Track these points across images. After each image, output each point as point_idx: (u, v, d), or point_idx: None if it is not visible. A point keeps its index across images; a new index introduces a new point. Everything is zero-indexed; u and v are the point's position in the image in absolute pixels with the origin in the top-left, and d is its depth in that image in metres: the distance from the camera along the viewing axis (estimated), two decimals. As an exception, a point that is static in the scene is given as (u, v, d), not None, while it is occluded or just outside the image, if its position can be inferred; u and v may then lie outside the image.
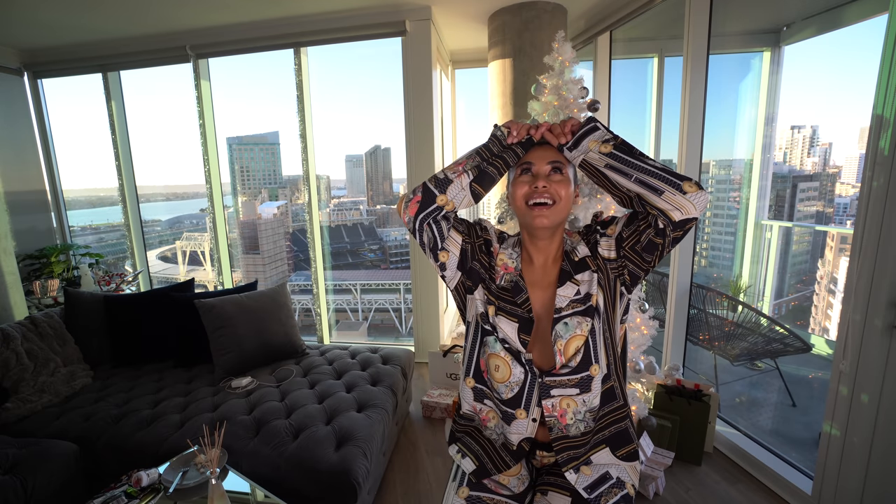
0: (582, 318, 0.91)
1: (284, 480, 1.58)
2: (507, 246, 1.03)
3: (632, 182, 0.83)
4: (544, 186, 0.90)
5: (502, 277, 0.98)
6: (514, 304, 0.94)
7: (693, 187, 0.80)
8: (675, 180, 0.81)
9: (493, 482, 0.99)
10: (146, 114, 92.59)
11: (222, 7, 2.77)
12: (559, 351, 0.90)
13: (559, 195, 0.91)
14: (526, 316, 0.93)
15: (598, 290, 0.93)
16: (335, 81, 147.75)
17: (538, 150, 0.94)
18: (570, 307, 0.92)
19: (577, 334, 0.90)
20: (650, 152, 3.35)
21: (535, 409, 0.92)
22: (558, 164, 0.92)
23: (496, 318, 0.94)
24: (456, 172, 0.92)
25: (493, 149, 0.93)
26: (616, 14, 2.78)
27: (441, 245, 0.95)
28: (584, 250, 0.96)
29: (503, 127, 0.94)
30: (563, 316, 0.91)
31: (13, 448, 1.65)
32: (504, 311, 0.94)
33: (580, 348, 0.90)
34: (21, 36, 3.19)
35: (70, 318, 2.45)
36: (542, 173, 0.92)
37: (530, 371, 0.91)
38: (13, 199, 3.35)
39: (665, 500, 1.85)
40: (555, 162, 0.92)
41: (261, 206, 26.85)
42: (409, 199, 0.93)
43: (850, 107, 3.49)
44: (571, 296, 0.93)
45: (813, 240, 3.72)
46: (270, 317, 2.39)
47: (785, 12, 3.03)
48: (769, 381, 2.92)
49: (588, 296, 0.93)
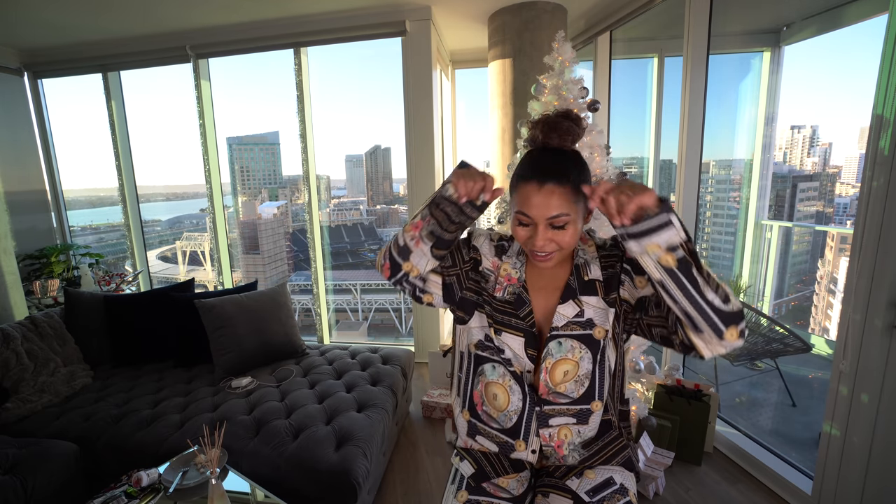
0: (577, 344, 0.86)
1: (284, 480, 1.58)
2: (510, 254, 0.95)
3: (675, 306, 0.71)
4: (542, 245, 0.81)
5: (504, 290, 0.92)
6: (516, 317, 0.90)
7: (735, 335, 0.69)
8: (720, 325, 0.69)
9: (493, 485, 0.98)
10: (146, 114, 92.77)
11: (222, 7, 2.77)
12: (545, 369, 0.87)
13: (562, 244, 0.81)
14: (530, 330, 0.89)
15: (610, 324, 0.87)
16: (335, 81, 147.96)
17: (537, 196, 0.79)
18: (567, 328, 0.87)
19: (568, 359, 0.86)
20: (650, 152, 3.36)
21: (535, 438, 0.91)
22: (564, 215, 0.79)
23: (501, 339, 0.90)
24: (414, 239, 0.85)
25: (447, 210, 0.82)
26: (616, 14, 2.78)
27: (421, 291, 0.93)
28: (597, 271, 0.88)
29: (448, 183, 0.81)
30: (559, 335, 0.87)
31: (13, 448, 1.65)
32: (507, 325, 0.90)
33: (567, 373, 0.86)
34: (22, 36, 3.19)
35: (70, 318, 2.45)
36: (541, 228, 0.80)
37: (529, 397, 0.89)
38: (13, 199, 3.35)
39: (665, 500, 1.85)
40: (558, 216, 0.79)
41: (261, 206, 26.85)
42: (381, 264, 0.91)
43: (850, 107, 3.49)
44: (571, 316, 0.87)
45: (813, 240, 3.72)
46: (270, 317, 2.39)
47: (785, 12, 3.03)
48: (769, 381, 2.92)
49: (590, 322, 0.87)
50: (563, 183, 0.79)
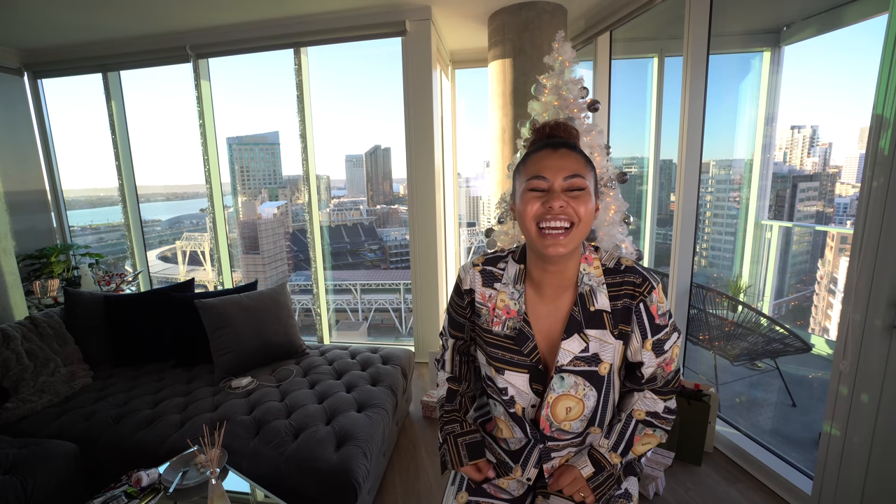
0: (582, 381, 0.82)
1: (284, 480, 1.58)
2: (506, 282, 0.87)
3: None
4: (561, 206, 0.74)
5: (504, 324, 0.85)
6: (520, 353, 0.83)
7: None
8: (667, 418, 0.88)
9: (493, 486, 0.97)
10: (146, 114, 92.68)
11: (223, 7, 2.77)
12: (548, 404, 0.83)
13: (578, 215, 0.75)
14: (535, 366, 0.83)
15: (616, 358, 0.83)
16: (335, 81, 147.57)
17: (552, 158, 0.76)
18: (572, 363, 0.82)
19: (572, 395, 0.81)
20: (650, 153, 3.36)
21: (532, 469, 0.90)
22: (579, 177, 0.75)
23: (504, 378, 0.85)
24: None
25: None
26: (616, 14, 2.78)
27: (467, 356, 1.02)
28: (604, 300, 0.81)
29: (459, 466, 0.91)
30: (563, 370, 0.82)
31: (13, 448, 1.65)
32: (510, 363, 0.84)
33: (570, 410, 0.83)
34: (22, 36, 3.19)
35: (70, 318, 2.45)
36: (557, 189, 0.75)
37: (531, 435, 0.87)
38: (13, 199, 3.35)
39: (665, 500, 1.85)
40: (575, 176, 0.75)
41: (261, 206, 26.81)
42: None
43: (850, 107, 3.49)
44: (577, 352, 0.81)
45: (813, 240, 3.72)
46: (270, 317, 2.39)
47: (785, 12, 3.03)
48: (769, 381, 2.92)
49: (595, 358, 0.81)
50: (576, 150, 0.79)
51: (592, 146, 1.93)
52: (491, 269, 0.89)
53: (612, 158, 2.05)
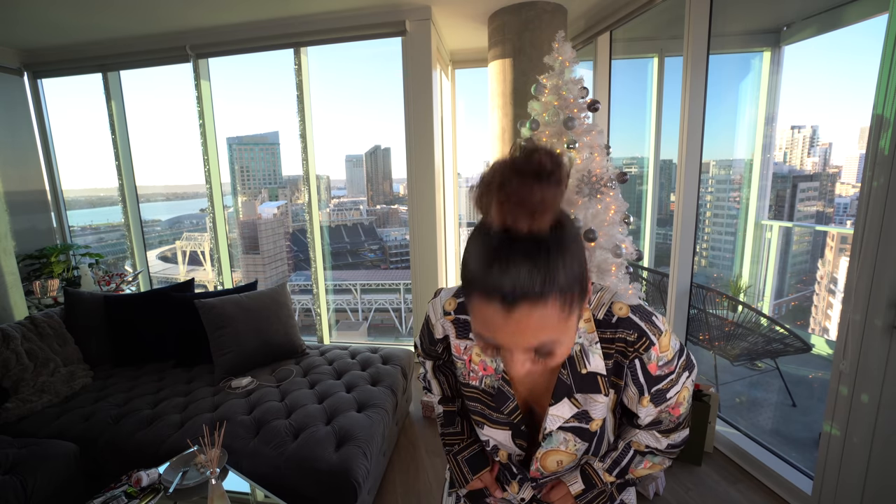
0: (572, 437, 0.73)
1: (284, 480, 1.58)
2: None
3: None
4: (523, 373, 0.56)
5: (481, 380, 0.75)
6: (499, 412, 0.75)
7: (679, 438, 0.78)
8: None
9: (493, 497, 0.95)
10: (146, 114, 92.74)
11: (223, 7, 2.77)
12: (536, 459, 0.76)
13: (552, 363, 0.57)
14: (517, 425, 0.75)
15: (609, 410, 0.74)
16: (335, 81, 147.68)
17: (506, 324, 0.50)
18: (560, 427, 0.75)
19: (561, 450, 0.74)
20: (650, 153, 3.36)
21: (529, 489, 0.86)
22: (549, 345, 0.53)
23: (484, 432, 0.78)
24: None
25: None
26: (616, 14, 2.78)
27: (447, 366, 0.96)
28: (598, 361, 0.68)
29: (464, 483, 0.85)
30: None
31: (13, 448, 1.65)
32: (489, 420, 0.76)
33: (561, 462, 0.76)
34: (22, 36, 3.19)
35: (70, 318, 2.45)
36: (517, 355, 0.55)
37: (521, 476, 0.83)
38: (13, 199, 3.35)
39: (665, 500, 1.85)
40: (541, 345, 0.53)
41: (261, 206, 26.81)
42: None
43: (850, 107, 3.49)
44: (567, 416, 0.71)
45: (813, 240, 3.72)
46: (270, 317, 2.39)
47: (785, 12, 3.03)
48: (769, 381, 2.92)
49: (585, 416, 0.71)
50: (544, 298, 0.48)
51: (592, 146, 1.93)
52: (465, 319, 0.76)
53: (612, 158, 2.05)
